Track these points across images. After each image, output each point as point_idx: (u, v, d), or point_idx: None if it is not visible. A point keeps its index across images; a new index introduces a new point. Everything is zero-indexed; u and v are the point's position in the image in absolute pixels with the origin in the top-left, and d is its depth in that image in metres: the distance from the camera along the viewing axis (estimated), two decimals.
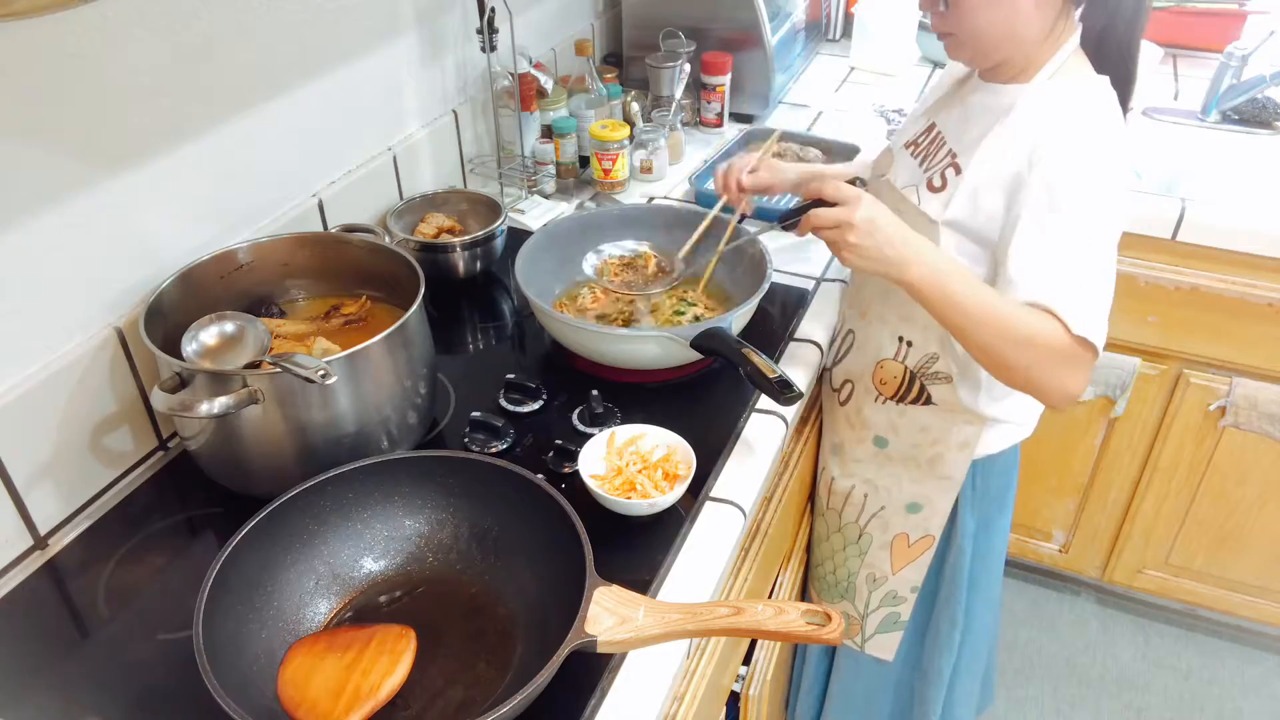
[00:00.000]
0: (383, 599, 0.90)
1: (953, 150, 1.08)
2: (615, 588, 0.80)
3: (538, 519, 0.88)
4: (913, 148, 1.16)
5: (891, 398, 1.23)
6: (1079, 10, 1.02)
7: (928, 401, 1.20)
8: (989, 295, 0.98)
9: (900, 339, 1.19)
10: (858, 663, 1.50)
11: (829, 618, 0.77)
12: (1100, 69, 1.04)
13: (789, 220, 1.08)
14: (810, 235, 1.05)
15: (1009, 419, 1.22)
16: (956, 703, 1.52)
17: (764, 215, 1.55)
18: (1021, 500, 1.44)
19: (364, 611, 0.89)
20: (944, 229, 1.06)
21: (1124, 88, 1.04)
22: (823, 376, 1.36)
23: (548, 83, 1.62)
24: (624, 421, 1.12)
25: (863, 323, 1.24)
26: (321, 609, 0.88)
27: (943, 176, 1.08)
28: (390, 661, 0.80)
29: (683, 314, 1.28)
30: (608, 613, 0.78)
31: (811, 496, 1.50)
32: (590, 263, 1.37)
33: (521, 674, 0.81)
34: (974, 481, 1.26)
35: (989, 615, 1.48)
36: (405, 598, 0.90)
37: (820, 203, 1.02)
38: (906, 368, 1.20)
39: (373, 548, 0.93)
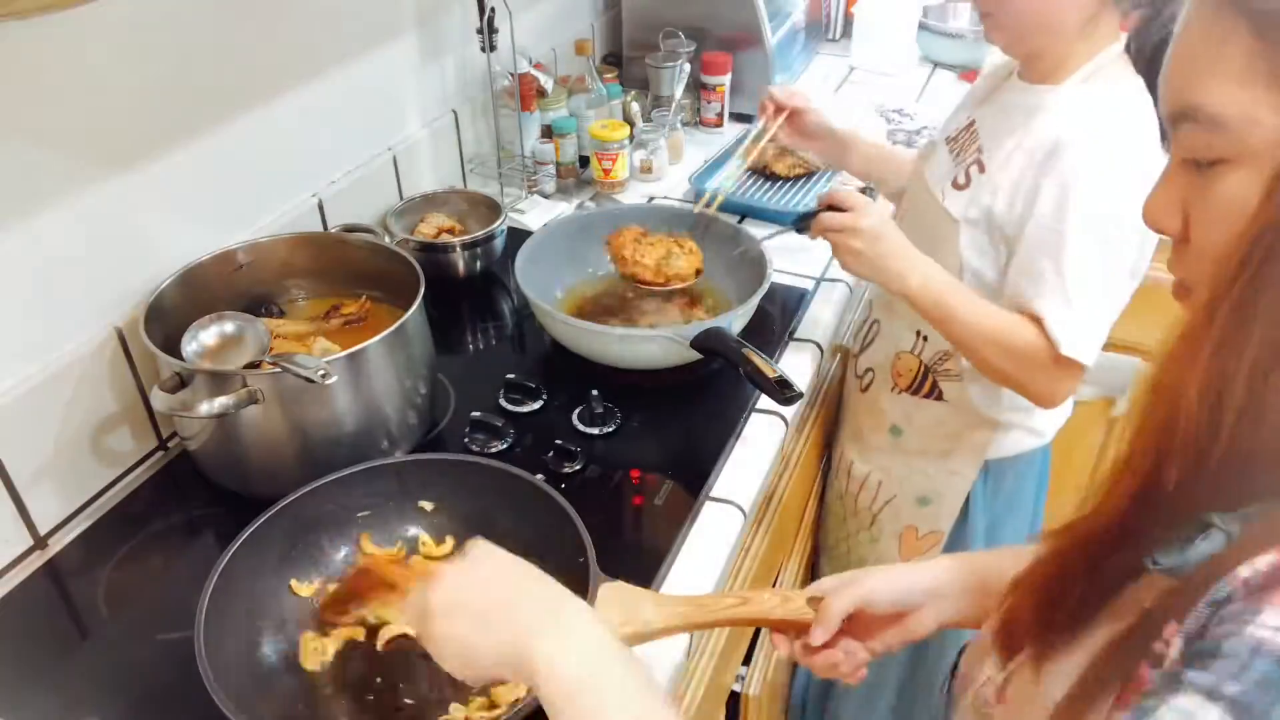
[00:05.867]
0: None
1: (981, 147, 1.09)
2: (620, 583, 0.79)
3: (538, 519, 0.87)
4: (952, 144, 1.16)
5: (907, 389, 1.25)
6: (1124, 17, 1.00)
7: (940, 397, 1.22)
8: (980, 306, 1.04)
9: (918, 333, 1.21)
10: None
11: None
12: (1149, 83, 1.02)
13: (802, 223, 1.13)
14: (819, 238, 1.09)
15: (1023, 425, 1.22)
16: None
17: (767, 216, 1.55)
18: None
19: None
20: (964, 226, 1.08)
21: None
22: (848, 364, 1.41)
23: (548, 83, 1.62)
24: (624, 421, 1.12)
25: (887, 313, 1.27)
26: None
27: (967, 174, 1.09)
28: None
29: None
30: (614, 608, 0.77)
31: (825, 480, 1.53)
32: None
33: None
34: (986, 482, 1.27)
35: None
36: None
37: (833, 208, 1.06)
38: (921, 361, 1.22)
39: (374, 551, 0.92)
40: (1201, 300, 0.45)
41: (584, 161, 1.67)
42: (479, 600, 0.59)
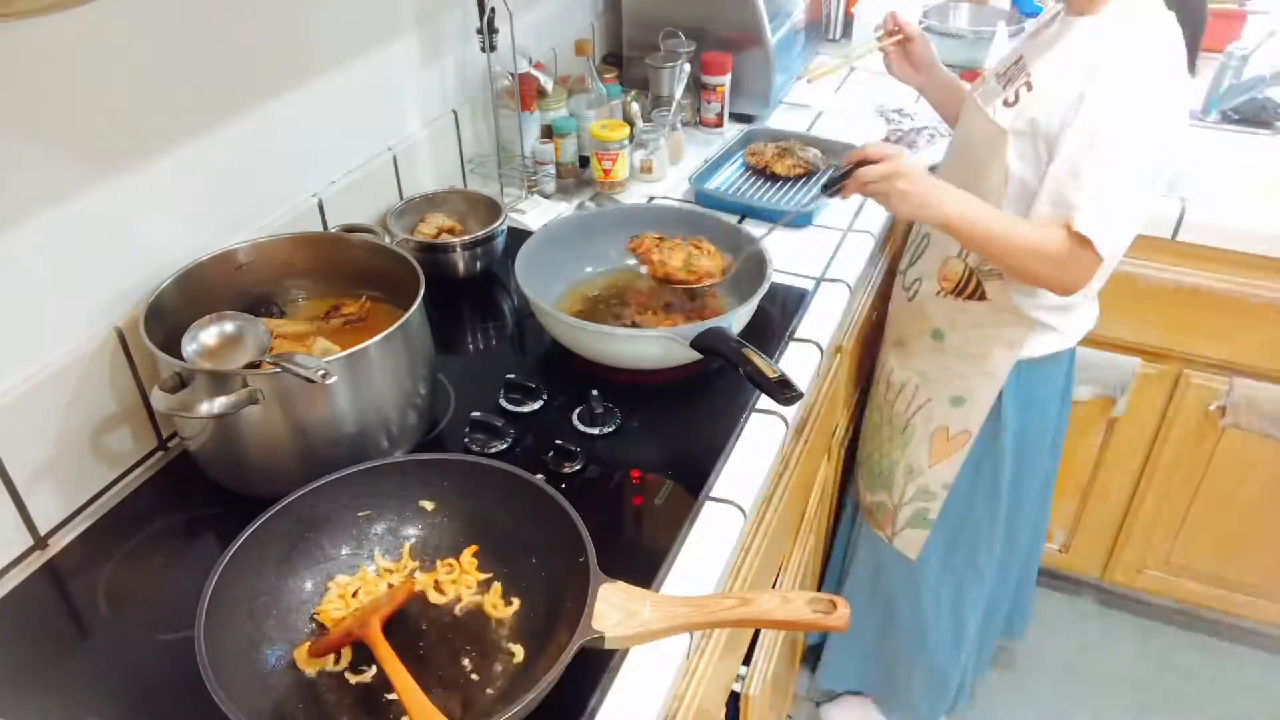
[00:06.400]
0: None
1: (1029, 72, 1.23)
2: (620, 584, 0.80)
3: (538, 519, 0.87)
4: (1001, 77, 1.30)
5: (951, 292, 1.38)
6: None
7: (983, 297, 1.35)
8: (1004, 219, 1.19)
9: None
10: (878, 555, 1.64)
11: (834, 605, 0.76)
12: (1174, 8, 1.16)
13: (833, 187, 1.21)
14: (827, 210, 1.21)
15: (1055, 326, 1.35)
16: (1018, 607, 1.78)
17: (767, 216, 1.55)
18: None
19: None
20: (1011, 136, 1.21)
21: (1194, 28, 1.17)
22: (895, 279, 1.55)
23: (548, 83, 1.62)
24: (624, 421, 1.13)
25: None
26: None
27: (1016, 94, 1.23)
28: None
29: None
30: (614, 609, 0.77)
31: (865, 393, 1.70)
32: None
33: (528, 673, 0.81)
34: (1018, 383, 1.38)
35: (1034, 519, 1.64)
36: (407, 601, 0.90)
37: (861, 165, 1.17)
38: (967, 264, 1.35)
39: (372, 551, 0.93)
40: None
41: (584, 161, 1.67)
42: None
